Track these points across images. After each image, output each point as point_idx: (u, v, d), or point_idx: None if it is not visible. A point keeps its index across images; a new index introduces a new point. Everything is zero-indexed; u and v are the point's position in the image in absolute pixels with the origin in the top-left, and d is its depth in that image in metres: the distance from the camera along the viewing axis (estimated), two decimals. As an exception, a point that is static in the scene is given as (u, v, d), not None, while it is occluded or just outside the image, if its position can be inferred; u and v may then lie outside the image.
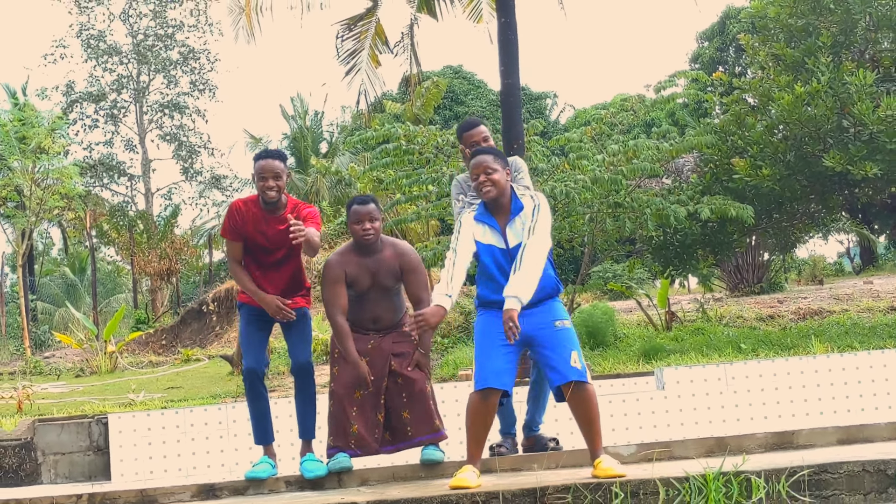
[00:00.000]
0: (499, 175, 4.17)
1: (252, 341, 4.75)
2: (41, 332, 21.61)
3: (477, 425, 4.15)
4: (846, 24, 10.19)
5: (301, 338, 4.78)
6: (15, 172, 19.11)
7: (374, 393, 4.58)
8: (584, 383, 4.07)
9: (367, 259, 4.70)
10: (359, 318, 4.72)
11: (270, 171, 4.61)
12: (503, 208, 4.20)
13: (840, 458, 3.98)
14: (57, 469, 6.92)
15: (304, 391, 4.79)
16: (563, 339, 4.09)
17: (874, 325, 11.00)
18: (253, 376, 4.72)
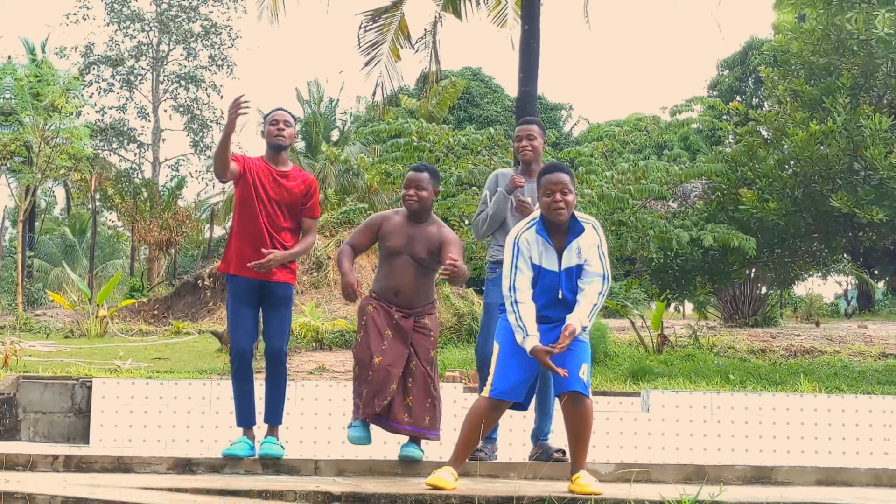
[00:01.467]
0: (573, 198, 4.10)
1: (241, 320, 4.72)
2: (35, 290, 21.60)
3: (474, 430, 4.14)
4: (868, 68, 10.20)
5: (280, 322, 4.76)
6: (25, 128, 19.09)
7: (392, 359, 4.56)
8: (585, 397, 4.07)
9: (409, 224, 4.76)
10: (384, 287, 4.73)
11: (282, 118, 4.83)
12: (562, 228, 4.11)
13: (817, 499, 3.98)
14: (36, 427, 6.93)
15: (274, 377, 4.78)
16: (576, 350, 4.07)
17: (864, 369, 10.99)
18: (242, 357, 4.72)
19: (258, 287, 4.74)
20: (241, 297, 4.74)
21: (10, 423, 6.93)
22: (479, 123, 26.34)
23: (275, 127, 4.81)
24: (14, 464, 4.47)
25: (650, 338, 12.76)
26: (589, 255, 4.11)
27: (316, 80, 29.94)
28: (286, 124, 4.83)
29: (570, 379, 4.04)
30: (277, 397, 4.79)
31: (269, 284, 4.73)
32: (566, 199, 4.06)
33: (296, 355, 12.22)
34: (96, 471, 4.47)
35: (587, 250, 4.11)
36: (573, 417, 4.08)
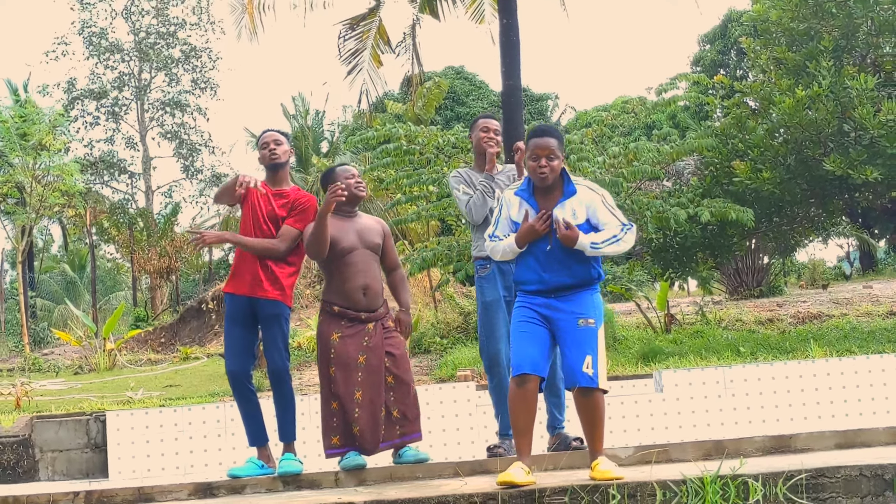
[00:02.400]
0: (559, 163, 4.10)
1: (232, 340, 4.75)
2: (40, 329, 21.60)
3: (517, 414, 4.05)
4: (848, 29, 10.20)
5: (274, 341, 4.75)
6: (16, 169, 19.09)
7: (375, 393, 4.57)
8: (593, 389, 4.04)
9: (347, 220, 4.75)
10: (350, 288, 4.63)
11: (272, 137, 4.89)
12: (549, 190, 4.12)
13: (837, 463, 3.98)
14: (55, 466, 6.92)
15: (278, 397, 4.79)
16: (581, 340, 4.04)
17: (873, 329, 10.99)
18: (235, 378, 4.73)
19: (248, 305, 4.74)
20: (234, 316, 4.77)
21: (28, 464, 6.92)
22: (467, 121, 26.33)
23: (266, 149, 4.87)
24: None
25: (657, 318, 12.75)
26: (598, 214, 4.09)
27: (300, 94, 29.91)
28: (276, 143, 4.86)
29: (574, 375, 4.03)
30: (286, 416, 4.79)
31: (257, 302, 4.74)
32: (551, 165, 4.07)
33: (306, 369, 12.22)
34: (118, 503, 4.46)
35: (585, 209, 4.09)
36: (583, 409, 4.08)
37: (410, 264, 10.82)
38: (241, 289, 4.72)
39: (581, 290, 4.13)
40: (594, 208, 4.11)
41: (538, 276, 4.10)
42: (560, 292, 4.10)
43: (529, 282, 4.13)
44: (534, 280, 4.11)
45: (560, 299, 4.10)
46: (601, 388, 4.07)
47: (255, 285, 4.72)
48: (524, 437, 4.11)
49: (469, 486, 4.01)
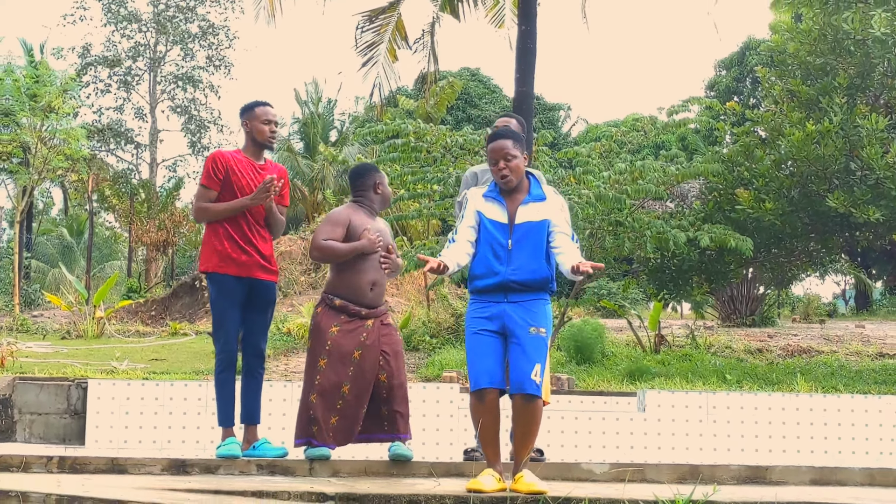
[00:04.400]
0: (518, 161, 4.16)
1: (230, 320, 4.68)
2: (32, 291, 21.57)
3: (482, 427, 4.10)
4: (864, 68, 10.21)
5: (264, 325, 4.77)
6: (23, 129, 19.07)
7: (363, 390, 4.56)
8: (536, 397, 4.05)
9: (371, 220, 4.74)
10: (360, 282, 4.62)
11: (273, 117, 4.83)
12: (516, 189, 4.18)
13: (812, 499, 3.97)
14: (32, 429, 6.92)
15: (255, 378, 4.77)
16: (531, 348, 4.06)
17: (861, 369, 11.00)
18: (231, 359, 4.71)
19: (247, 286, 4.70)
20: (230, 297, 4.66)
21: (6, 424, 6.92)
22: (477, 124, 26.35)
23: (268, 126, 4.78)
24: (8, 465, 4.46)
25: (647, 338, 12.76)
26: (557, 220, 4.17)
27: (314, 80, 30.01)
28: (276, 125, 4.87)
29: (522, 380, 4.02)
30: (257, 397, 4.79)
31: (257, 284, 4.70)
32: (509, 166, 4.14)
33: (293, 356, 12.22)
34: (91, 472, 4.46)
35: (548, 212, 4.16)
36: (522, 417, 4.05)
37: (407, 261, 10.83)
38: (240, 270, 4.66)
39: (534, 295, 4.13)
40: (556, 216, 4.20)
41: (492, 269, 4.09)
42: (514, 293, 4.09)
43: (483, 275, 4.13)
44: (488, 274, 4.11)
45: (513, 304, 4.09)
46: (543, 398, 4.09)
47: (260, 268, 4.70)
48: (491, 448, 4.14)
49: (442, 488, 4.01)
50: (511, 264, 4.09)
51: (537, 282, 4.11)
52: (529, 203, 4.17)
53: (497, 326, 4.11)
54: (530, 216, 4.13)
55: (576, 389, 8.42)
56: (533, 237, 4.12)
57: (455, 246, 4.21)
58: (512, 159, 4.14)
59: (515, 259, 4.10)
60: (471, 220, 4.23)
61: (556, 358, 11.30)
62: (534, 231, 4.13)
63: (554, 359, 11.14)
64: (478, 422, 4.14)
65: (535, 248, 4.11)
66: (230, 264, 4.65)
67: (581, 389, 8.58)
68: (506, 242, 4.11)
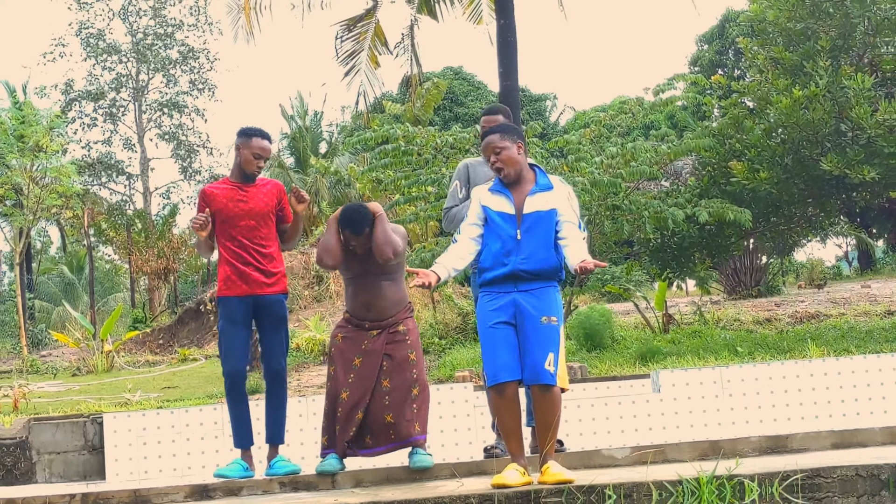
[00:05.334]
0: (508, 152, 4.19)
1: (233, 341, 4.72)
2: (38, 331, 21.58)
3: (504, 420, 4.13)
4: (845, 28, 10.20)
5: (279, 342, 4.77)
6: (13, 170, 19.06)
7: (359, 395, 4.57)
8: (552, 386, 4.06)
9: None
10: (354, 304, 4.72)
11: (266, 152, 4.89)
12: (520, 180, 4.22)
13: (834, 463, 3.98)
14: (52, 468, 6.92)
15: (273, 397, 4.79)
16: (544, 337, 4.08)
17: (871, 329, 11.00)
18: (232, 379, 4.72)
19: (251, 305, 4.73)
20: (233, 318, 4.72)
21: (25, 466, 6.91)
22: (466, 122, 26.33)
23: (256, 161, 4.83)
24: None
25: (655, 318, 12.76)
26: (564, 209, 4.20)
27: (299, 94, 29.90)
28: (265, 160, 4.91)
29: (537, 371, 4.03)
30: (279, 417, 4.80)
31: (263, 300, 4.73)
32: (501, 158, 4.19)
33: (304, 370, 12.22)
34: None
35: (555, 202, 4.19)
36: (541, 407, 4.08)
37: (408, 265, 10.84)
38: (245, 289, 4.71)
39: (543, 283, 4.15)
40: (562, 204, 4.23)
41: (502, 259, 4.12)
42: (524, 281, 4.11)
43: (492, 267, 4.15)
44: (497, 265, 4.13)
45: (524, 293, 4.11)
46: (560, 385, 4.08)
47: (261, 284, 4.71)
48: (514, 439, 4.14)
49: (466, 488, 4.01)
50: (521, 254, 4.12)
51: (547, 270, 4.14)
52: (537, 193, 4.20)
53: (509, 316, 4.12)
54: (539, 206, 4.17)
55: (589, 377, 8.42)
56: (542, 226, 4.15)
57: (455, 248, 4.24)
58: (501, 151, 4.19)
59: (525, 249, 4.12)
60: (474, 218, 4.25)
61: (566, 347, 11.27)
62: (543, 220, 4.16)
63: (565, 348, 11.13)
64: (499, 415, 4.15)
65: (544, 237, 4.15)
66: (232, 286, 4.73)
67: (594, 376, 8.57)
68: (515, 233, 4.14)
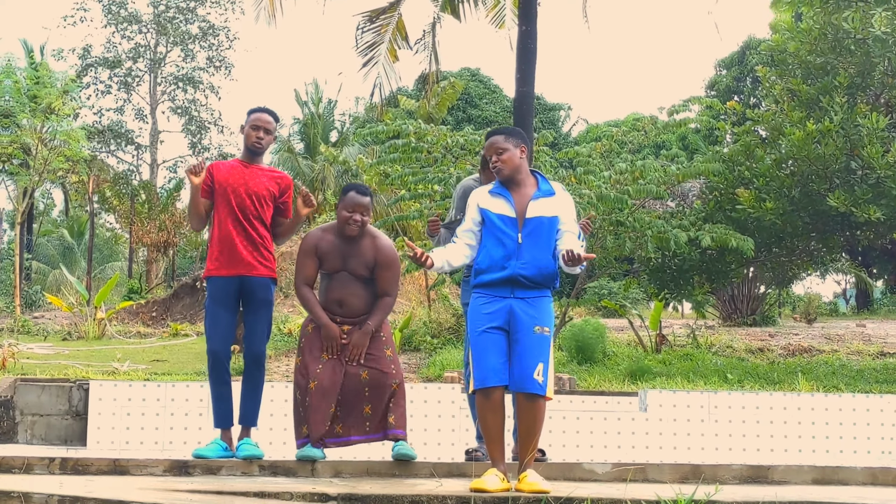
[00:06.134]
0: (509, 154, 4.22)
1: (217, 321, 4.70)
2: (33, 292, 21.57)
3: (488, 425, 4.13)
4: (864, 67, 10.21)
5: (261, 325, 4.74)
6: (23, 130, 19.07)
7: (331, 385, 4.57)
8: (539, 396, 4.07)
9: (342, 242, 4.70)
10: (326, 299, 4.70)
11: (264, 123, 4.80)
12: (520, 184, 4.23)
13: (813, 498, 3.97)
14: (34, 430, 6.93)
15: (251, 380, 4.77)
16: (535, 347, 4.08)
17: (862, 368, 11.00)
18: (218, 359, 4.71)
19: (237, 286, 4.71)
20: (219, 299, 4.72)
21: (8, 425, 6.92)
22: (478, 124, 26.34)
23: (255, 132, 4.78)
24: (10, 466, 4.46)
25: (649, 337, 12.76)
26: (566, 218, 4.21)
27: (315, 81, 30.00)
28: (266, 132, 4.80)
29: (525, 379, 4.04)
30: (253, 401, 4.78)
31: (249, 281, 4.71)
32: (501, 159, 4.23)
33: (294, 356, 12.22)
34: (93, 473, 4.46)
35: (557, 210, 4.20)
36: (525, 415, 4.07)
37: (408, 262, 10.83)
38: (229, 269, 4.69)
39: (539, 292, 4.15)
40: (564, 212, 4.24)
41: (501, 263, 4.12)
42: (521, 288, 4.11)
43: (490, 269, 4.15)
44: (496, 268, 4.13)
45: (519, 300, 4.11)
46: (546, 395, 4.09)
47: (249, 265, 4.70)
48: (497, 444, 4.15)
49: (444, 489, 4.01)
50: (521, 258, 4.12)
51: (545, 277, 4.14)
52: (540, 198, 4.20)
53: (502, 322, 4.12)
54: (541, 211, 4.17)
55: (577, 389, 8.42)
56: (543, 232, 4.16)
57: (453, 246, 4.26)
58: (503, 152, 4.23)
59: (526, 253, 4.12)
60: (470, 224, 4.26)
61: (557, 358, 11.30)
62: (545, 226, 4.16)
63: (555, 359, 11.13)
64: (483, 420, 4.16)
65: (545, 243, 4.15)
66: (220, 266, 4.72)
67: (582, 389, 8.58)
68: (516, 236, 4.14)
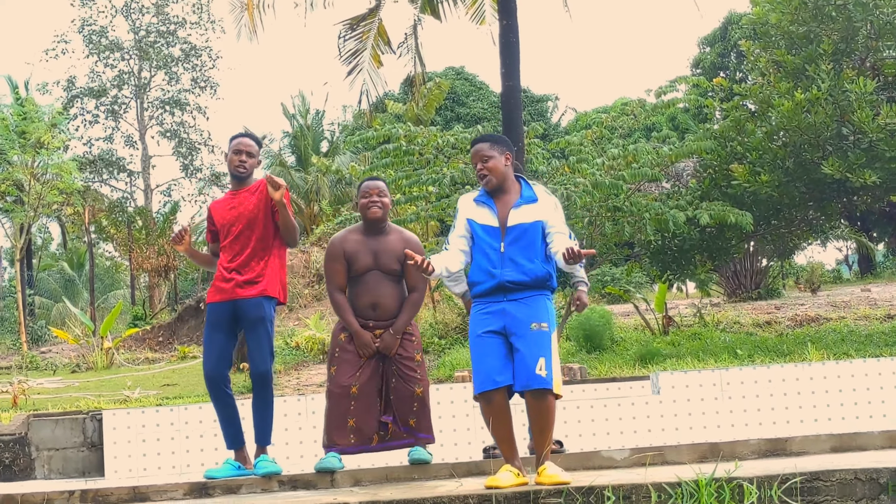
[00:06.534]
0: (494, 162, 4.25)
1: (210, 344, 4.75)
2: (38, 327, 21.58)
3: (494, 427, 4.16)
4: (847, 32, 10.20)
5: (257, 344, 4.71)
6: (14, 167, 19.08)
7: (372, 389, 4.59)
8: (545, 391, 4.06)
9: (370, 239, 4.72)
10: (359, 304, 4.68)
11: (246, 147, 4.83)
12: (506, 192, 4.27)
13: (833, 466, 3.98)
14: (51, 465, 6.92)
15: (259, 398, 4.76)
16: (534, 343, 4.09)
17: (871, 332, 11.00)
18: (213, 382, 4.73)
19: (230, 310, 4.74)
20: (213, 323, 4.77)
21: (24, 462, 6.92)
22: (467, 122, 26.32)
23: (237, 156, 4.80)
24: (30, 503, 4.46)
25: (655, 320, 12.76)
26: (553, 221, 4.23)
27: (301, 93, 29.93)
28: (248, 154, 4.81)
29: (528, 377, 4.05)
30: (263, 420, 4.76)
31: (240, 304, 4.71)
32: (487, 166, 4.27)
33: (304, 369, 12.23)
34: (113, 503, 4.46)
35: (541, 214, 4.21)
36: (534, 412, 4.09)
37: (408, 263, 10.84)
38: (222, 295, 4.75)
39: (534, 292, 4.17)
40: (549, 216, 4.25)
41: (489, 272, 4.16)
42: (512, 292, 4.13)
43: (481, 281, 4.20)
44: (485, 278, 4.18)
45: (513, 302, 4.13)
46: (554, 391, 4.08)
47: (234, 288, 4.72)
48: (506, 444, 4.18)
49: (465, 488, 4.02)
50: (506, 266, 4.16)
51: (536, 280, 4.16)
52: (521, 206, 4.24)
53: (498, 326, 4.15)
54: (522, 218, 4.20)
55: (588, 378, 8.42)
56: (526, 239, 4.19)
57: (446, 253, 4.34)
58: (489, 160, 4.26)
59: (508, 261, 4.17)
60: (461, 230, 4.33)
61: (566, 348, 11.30)
62: (527, 233, 4.19)
63: (564, 349, 11.13)
64: (488, 424, 4.18)
65: (528, 249, 4.18)
66: (215, 293, 4.80)
67: (594, 377, 8.57)
68: (498, 246, 4.19)
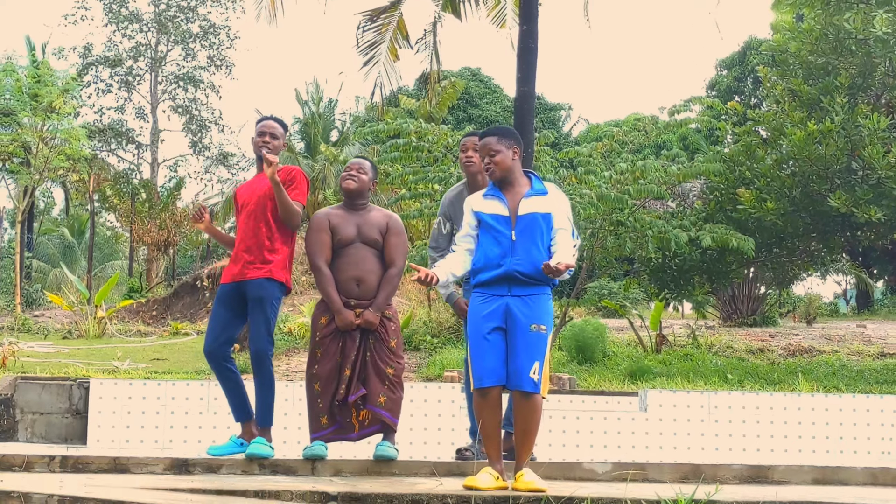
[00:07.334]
0: (501, 156, 4.28)
1: (212, 320, 4.81)
2: (33, 291, 21.58)
3: (484, 422, 4.17)
4: (865, 67, 10.20)
5: (257, 325, 4.73)
6: (24, 129, 19.07)
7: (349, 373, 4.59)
8: (535, 394, 4.08)
9: (352, 214, 4.81)
10: (342, 279, 4.69)
11: (269, 128, 4.89)
12: (513, 185, 4.29)
13: (814, 498, 3.97)
14: (34, 428, 6.93)
15: (258, 380, 4.78)
16: (532, 345, 4.10)
17: (862, 368, 11.00)
18: (211, 357, 4.78)
19: (235, 290, 4.79)
20: (220, 300, 4.83)
21: (8, 423, 6.93)
22: (479, 124, 26.32)
23: (261, 138, 4.85)
24: (10, 465, 4.46)
25: (649, 337, 12.75)
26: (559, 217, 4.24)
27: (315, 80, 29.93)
28: (272, 137, 4.85)
29: (521, 378, 4.07)
30: (264, 400, 4.78)
31: (244, 284, 4.75)
32: (494, 161, 4.30)
33: (294, 355, 12.22)
34: (93, 472, 4.46)
35: (550, 206, 4.23)
36: (521, 413, 4.11)
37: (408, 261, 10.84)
38: (230, 275, 4.81)
39: (537, 289, 4.17)
40: (557, 210, 4.27)
41: (497, 261, 4.16)
42: (517, 285, 4.13)
43: (487, 267, 4.19)
44: (492, 266, 4.17)
45: (517, 298, 4.14)
46: (542, 395, 4.11)
47: (242, 269, 4.75)
48: (493, 443, 4.18)
49: (444, 487, 4.01)
50: (515, 255, 4.16)
51: (541, 273, 4.15)
52: (532, 196, 4.26)
53: (500, 322, 4.16)
54: (533, 208, 4.22)
55: (577, 389, 8.42)
56: (536, 228, 4.19)
57: (452, 256, 4.32)
58: (496, 154, 4.29)
59: (520, 250, 4.16)
60: (468, 228, 4.33)
61: (557, 358, 11.29)
62: (537, 222, 4.20)
63: (555, 359, 11.13)
64: (480, 418, 4.18)
65: (539, 239, 4.19)
66: (226, 273, 4.87)
67: (582, 389, 8.57)
68: (509, 234, 4.19)
